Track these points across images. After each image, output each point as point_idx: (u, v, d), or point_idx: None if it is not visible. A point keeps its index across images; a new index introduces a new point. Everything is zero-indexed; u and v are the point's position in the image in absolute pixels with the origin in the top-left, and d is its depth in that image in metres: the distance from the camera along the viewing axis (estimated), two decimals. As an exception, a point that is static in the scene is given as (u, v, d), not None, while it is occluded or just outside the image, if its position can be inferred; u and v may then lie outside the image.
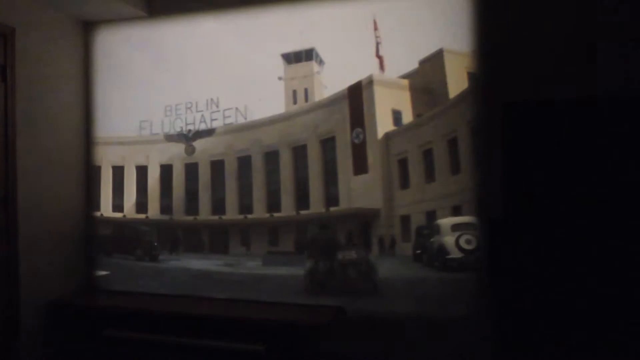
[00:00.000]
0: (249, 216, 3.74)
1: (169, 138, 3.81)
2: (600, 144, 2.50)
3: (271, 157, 3.68)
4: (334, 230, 3.45)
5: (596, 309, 2.47)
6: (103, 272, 3.83)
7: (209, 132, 3.73)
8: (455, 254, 3.14)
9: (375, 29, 3.30)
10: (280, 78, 3.62)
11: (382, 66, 3.36)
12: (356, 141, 3.41)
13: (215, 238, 3.84)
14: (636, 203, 2.44)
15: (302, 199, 3.60)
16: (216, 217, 3.82)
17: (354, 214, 3.46)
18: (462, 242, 3.13)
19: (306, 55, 3.58)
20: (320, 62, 3.58)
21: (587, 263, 2.49)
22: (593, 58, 2.77)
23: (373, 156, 3.37)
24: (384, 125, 3.38)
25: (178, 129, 3.77)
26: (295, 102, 3.64)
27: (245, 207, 3.75)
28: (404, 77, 3.36)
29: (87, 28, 3.80)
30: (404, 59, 3.31)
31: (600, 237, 2.49)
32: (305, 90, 3.62)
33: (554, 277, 2.54)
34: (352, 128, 3.42)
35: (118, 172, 3.97)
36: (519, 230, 2.62)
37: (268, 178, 3.70)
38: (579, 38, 2.80)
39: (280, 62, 3.61)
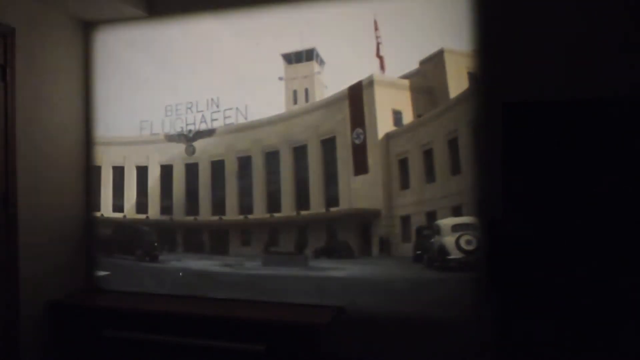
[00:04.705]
0: (249, 216, 3.74)
1: (170, 138, 3.81)
2: (600, 144, 2.50)
3: (271, 158, 3.67)
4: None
5: (596, 309, 2.46)
6: (103, 272, 3.83)
7: (210, 132, 3.73)
8: (456, 254, 3.13)
9: (376, 29, 3.30)
10: (280, 78, 3.61)
11: (382, 66, 3.36)
12: (357, 141, 3.40)
13: (216, 238, 3.83)
14: (636, 203, 2.44)
15: (302, 199, 3.60)
16: (216, 218, 3.81)
17: (355, 214, 3.45)
18: (462, 242, 3.13)
19: (307, 56, 3.58)
20: (321, 62, 3.58)
21: (587, 263, 2.49)
22: (593, 58, 2.77)
23: (373, 156, 3.37)
24: (384, 125, 3.37)
25: (178, 129, 3.77)
26: (295, 102, 3.64)
27: (246, 207, 3.75)
28: (405, 77, 3.35)
29: (87, 28, 3.80)
30: (405, 59, 3.30)
31: (600, 237, 2.48)
32: (306, 91, 3.62)
33: (553, 277, 2.53)
34: (353, 128, 3.42)
35: (118, 173, 3.97)
36: (519, 230, 2.61)
37: (268, 178, 3.70)
38: (579, 38, 2.80)
39: (281, 62, 3.60)
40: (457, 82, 3.17)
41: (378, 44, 3.31)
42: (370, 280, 3.36)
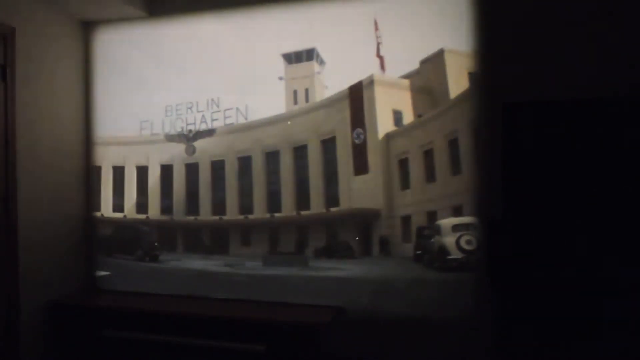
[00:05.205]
0: (250, 216, 3.74)
1: (170, 138, 3.81)
2: (600, 144, 2.50)
3: (272, 158, 3.67)
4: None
5: (596, 309, 2.46)
6: (103, 273, 3.82)
7: (210, 132, 3.73)
8: (456, 254, 3.13)
9: (376, 29, 3.29)
10: (281, 78, 3.61)
11: (382, 66, 3.36)
12: (357, 141, 3.40)
13: (216, 238, 3.83)
14: (636, 203, 2.44)
15: (302, 199, 3.59)
16: (217, 218, 3.81)
17: (355, 214, 3.45)
18: (462, 242, 3.12)
19: (307, 55, 3.57)
20: (321, 62, 3.58)
21: (587, 263, 2.48)
22: (593, 58, 2.77)
23: (374, 156, 3.37)
24: (384, 125, 3.37)
25: (178, 129, 3.77)
26: (296, 103, 3.64)
27: (246, 207, 3.75)
28: (405, 77, 3.35)
29: (87, 28, 3.80)
30: (405, 59, 3.30)
31: (600, 237, 2.48)
32: (306, 91, 3.61)
33: (553, 277, 2.53)
34: (353, 128, 3.42)
35: (118, 172, 3.97)
36: (519, 230, 2.61)
37: (269, 178, 3.69)
38: (579, 38, 2.80)
39: (281, 62, 3.60)
40: (457, 82, 3.16)
41: (378, 44, 3.31)
42: (371, 280, 3.35)
